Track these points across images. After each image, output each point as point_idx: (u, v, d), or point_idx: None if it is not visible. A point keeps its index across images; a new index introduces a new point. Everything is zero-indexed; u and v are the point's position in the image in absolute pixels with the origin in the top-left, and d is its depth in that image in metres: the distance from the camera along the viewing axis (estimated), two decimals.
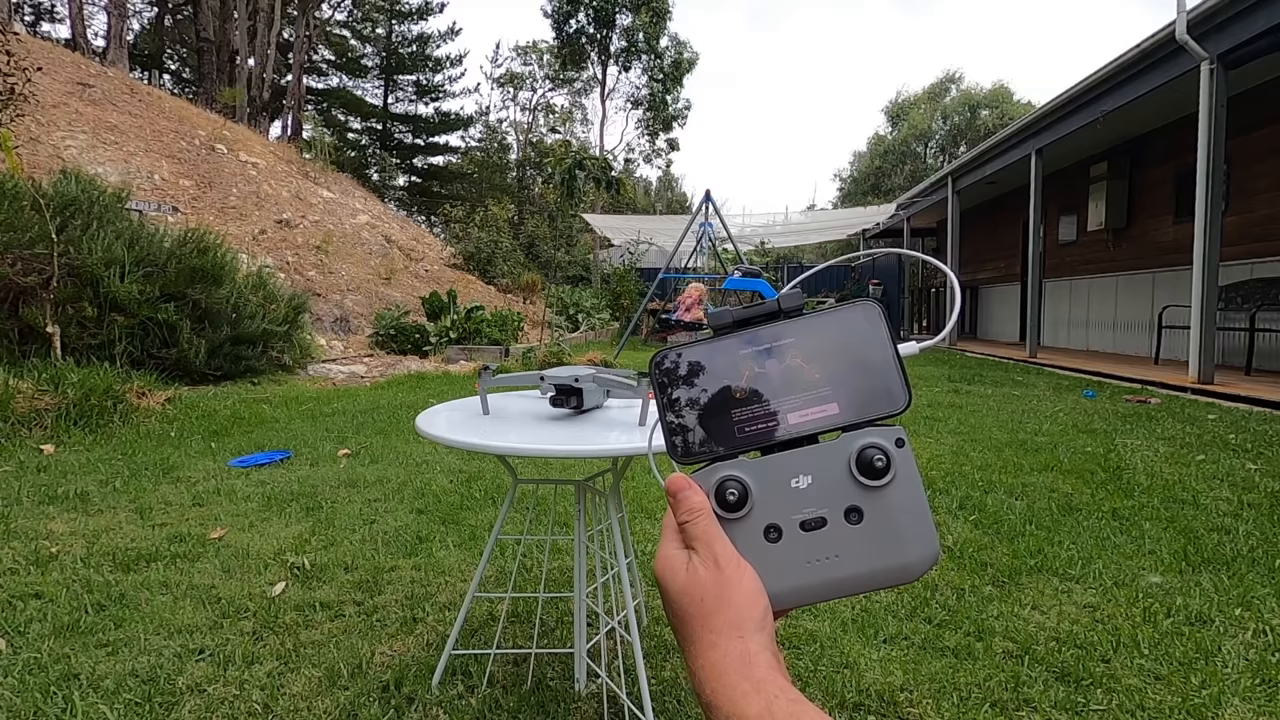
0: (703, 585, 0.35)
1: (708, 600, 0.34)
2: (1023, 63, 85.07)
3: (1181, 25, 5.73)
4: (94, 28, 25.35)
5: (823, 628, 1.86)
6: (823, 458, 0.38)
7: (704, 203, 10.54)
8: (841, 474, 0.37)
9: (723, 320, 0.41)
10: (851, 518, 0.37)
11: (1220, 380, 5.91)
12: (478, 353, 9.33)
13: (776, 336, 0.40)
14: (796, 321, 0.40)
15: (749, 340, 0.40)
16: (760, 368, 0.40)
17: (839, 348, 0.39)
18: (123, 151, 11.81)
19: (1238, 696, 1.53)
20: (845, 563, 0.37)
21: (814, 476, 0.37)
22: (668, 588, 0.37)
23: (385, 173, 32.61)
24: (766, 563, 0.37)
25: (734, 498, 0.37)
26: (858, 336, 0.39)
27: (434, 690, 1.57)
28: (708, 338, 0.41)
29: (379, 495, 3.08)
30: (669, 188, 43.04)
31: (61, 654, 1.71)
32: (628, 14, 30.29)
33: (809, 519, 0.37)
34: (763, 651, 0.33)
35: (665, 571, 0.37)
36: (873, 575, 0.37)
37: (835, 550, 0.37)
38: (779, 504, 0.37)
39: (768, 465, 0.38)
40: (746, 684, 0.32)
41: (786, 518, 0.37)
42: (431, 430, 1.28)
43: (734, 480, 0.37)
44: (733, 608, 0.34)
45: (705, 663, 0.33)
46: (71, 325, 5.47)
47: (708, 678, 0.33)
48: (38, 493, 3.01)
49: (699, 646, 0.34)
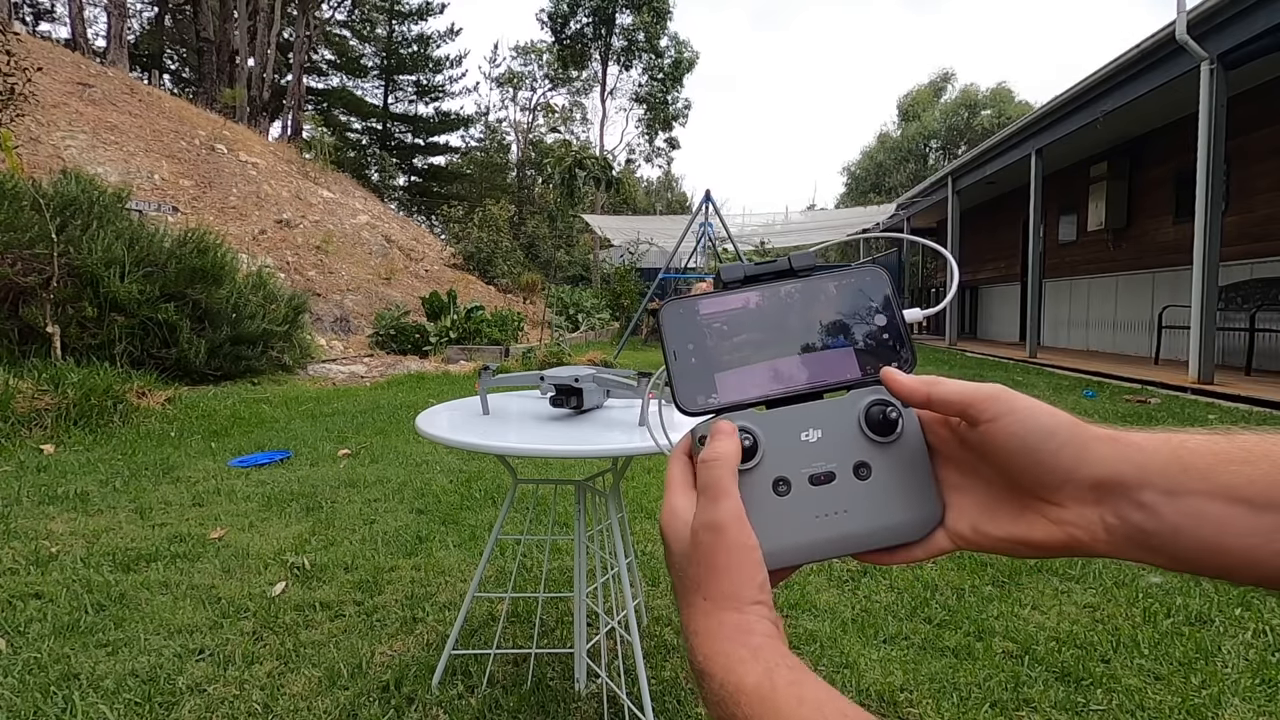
0: (702, 548, 0.33)
1: (704, 564, 0.33)
2: (1022, 63, 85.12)
3: (1181, 25, 5.73)
4: (94, 28, 25.37)
5: (823, 628, 1.86)
6: (832, 412, 0.38)
7: (704, 203, 10.54)
8: (851, 429, 0.37)
9: (734, 275, 0.41)
10: (860, 473, 0.37)
11: (1220, 380, 5.91)
12: (478, 353, 9.33)
13: (787, 293, 0.40)
14: (806, 280, 0.40)
15: (759, 295, 0.40)
16: (769, 323, 0.40)
17: (847, 308, 0.40)
18: (123, 151, 11.81)
19: (1238, 696, 1.53)
20: (853, 518, 0.36)
21: (823, 431, 0.37)
22: (670, 545, 0.36)
23: (385, 173, 32.61)
24: (774, 516, 0.36)
25: (747, 444, 0.36)
26: (865, 298, 0.40)
27: (434, 690, 1.57)
28: (718, 291, 0.41)
29: (379, 495, 3.08)
30: (669, 187, 43.05)
31: (61, 654, 1.71)
32: (628, 13, 30.30)
33: (818, 473, 0.37)
34: (761, 620, 0.32)
35: (668, 527, 0.36)
36: (879, 531, 0.36)
37: (844, 505, 0.36)
38: (788, 457, 0.37)
39: (777, 418, 0.38)
40: (744, 650, 0.30)
41: (796, 471, 0.37)
42: (431, 430, 1.28)
43: (745, 430, 0.37)
44: (729, 577, 0.32)
45: (699, 628, 0.32)
46: (71, 325, 5.47)
47: (700, 644, 0.32)
48: (38, 493, 3.01)
49: (694, 611, 0.33)
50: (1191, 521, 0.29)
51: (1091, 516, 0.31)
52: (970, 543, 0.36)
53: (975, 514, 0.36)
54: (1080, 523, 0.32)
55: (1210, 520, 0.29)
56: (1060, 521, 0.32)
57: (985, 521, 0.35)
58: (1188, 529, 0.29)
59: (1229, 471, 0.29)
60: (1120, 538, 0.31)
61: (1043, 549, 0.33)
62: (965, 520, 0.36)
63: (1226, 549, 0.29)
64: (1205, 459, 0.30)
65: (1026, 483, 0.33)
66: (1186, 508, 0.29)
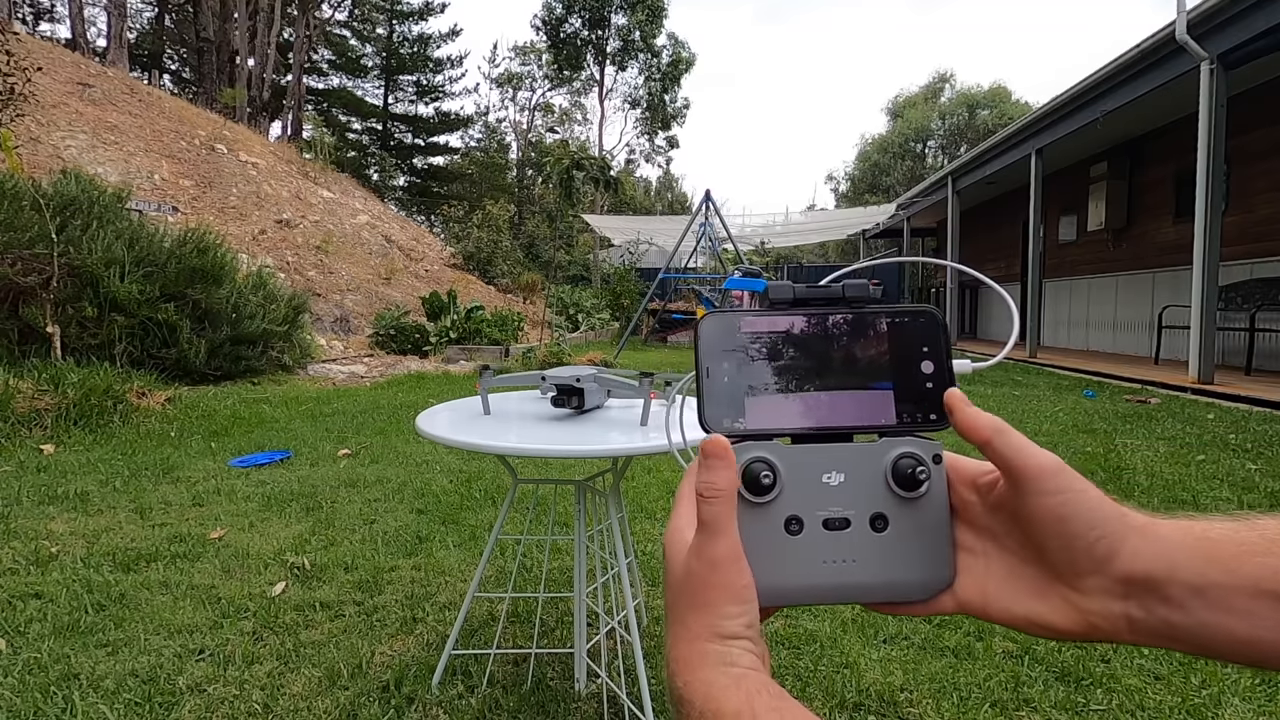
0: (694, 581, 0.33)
1: (694, 597, 0.33)
2: (1022, 63, 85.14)
3: (1181, 25, 5.73)
4: (94, 28, 25.37)
5: (823, 628, 1.86)
6: (859, 457, 0.36)
7: (704, 203, 10.55)
8: (875, 478, 0.36)
9: (783, 295, 0.39)
10: (877, 524, 0.36)
11: (1220, 380, 5.91)
12: (478, 353, 9.33)
13: (834, 323, 0.38)
14: (858, 312, 0.38)
15: (806, 321, 0.38)
16: (810, 351, 0.38)
17: (894, 348, 0.38)
18: (123, 151, 11.81)
19: (1238, 696, 1.53)
20: (861, 569, 0.35)
21: (847, 475, 0.36)
22: (668, 565, 0.35)
23: (385, 173, 32.61)
24: (781, 554, 0.35)
25: (767, 480, 0.35)
26: (915, 340, 0.38)
27: (434, 690, 1.57)
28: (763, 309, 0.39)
29: (379, 495, 3.08)
30: (669, 187, 43.07)
31: (61, 654, 1.71)
32: (622, 14, 30.29)
33: (834, 518, 0.35)
34: (745, 654, 0.31)
35: (670, 547, 0.35)
36: (883, 587, 0.36)
37: (854, 555, 0.35)
38: (806, 497, 0.36)
39: (801, 454, 0.36)
40: (725, 679, 0.30)
41: (811, 512, 0.36)
42: (432, 430, 1.28)
43: (767, 463, 0.35)
44: (717, 612, 0.32)
45: (680, 655, 0.32)
46: (71, 325, 5.47)
47: (680, 670, 0.32)
48: (38, 493, 3.01)
49: (677, 640, 0.33)
50: (1219, 616, 0.29)
51: (1116, 609, 0.31)
52: (979, 611, 0.35)
53: (990, 583, 0.35)
54: (1104, 613, 0.32)
55: (1239, 614, 0.29)
56: (1083, 610, 0.32)
57: (1002, 594, 0.35)
58: (1215, 623, 0.29)
59: (1254, 563, 0.29)
60: (1145, 631, 0.31)
61: (1060, 634, 0.33)
62: (977, 587, 0.35)
63: (1258, 641, 0.29)
64: (1229, 549, 0.30)
65: (1053, 564, 0.33)
66: (1214, 602, 0.29)
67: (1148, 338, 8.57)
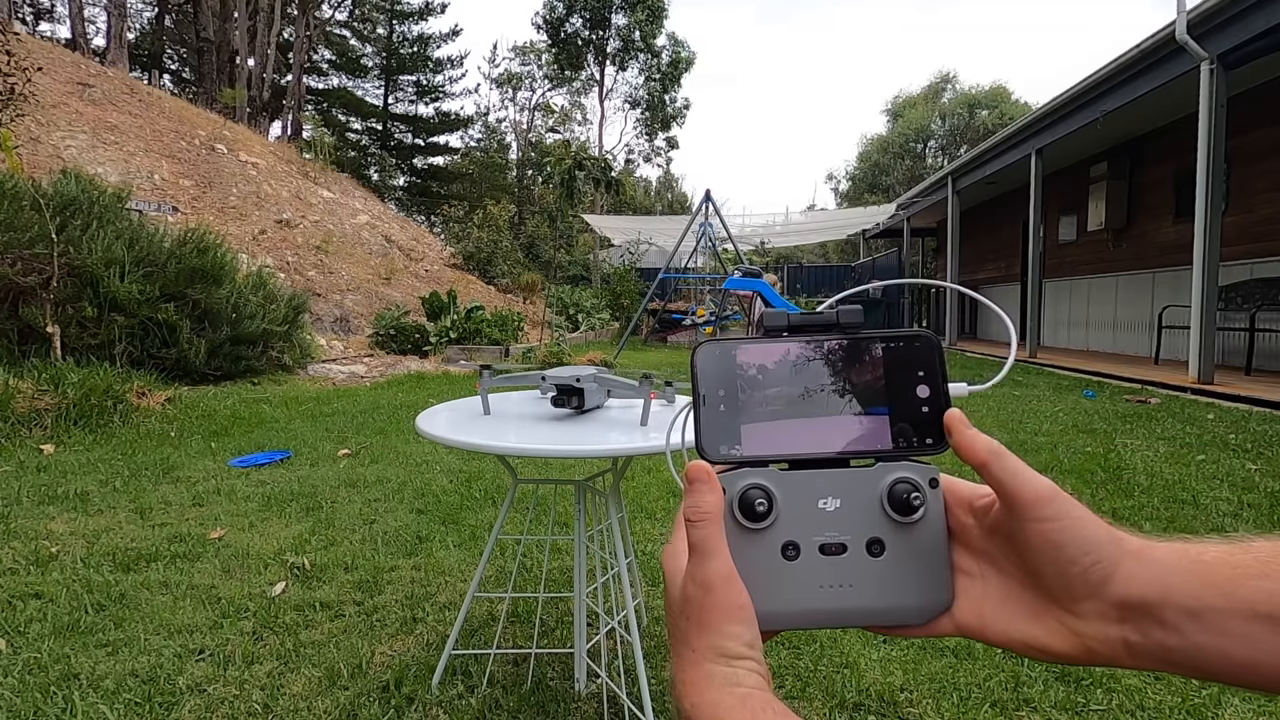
0: (691, 604, 0.34)
1: (693, 619, 0.33)
2: (1023, 63, 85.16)
3: (1181, 25, 5.73)
4: (94, 28, 25.37)
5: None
6: (855, 483, 0.36)
7: (704, 203, 10.55)
8: (871, 503, 0.36)
9: (777, 323, 0.40)
10: (873, 549, 0.36)
11: (1220, 380, 5.91)
12: (478, 353, 9.33)
13: (829, 350, 0.38)
14: (852, 339, 0.39)
15: (801, 348, 0.39)
16: (806, 378, 0.38)
17: (890, 373, 0.38)
18: (123, 151, 11.81)
19: (1238, 697, 1.53)
20: (856, 594, 0.36)
21: (842, 500, 0.36)
22: (667, 586, 0.36)
23: (385, 173, 32.61)
24: (777, 580, 0.35)
25: (762, 508, 0.35)
26: (911, 365, 0.38)
27: (434, 690, 1.57)
28: (758, 337, 0.39)
29: (379, 495, 3.08)
30: (669, 187, 43.06)
31: (61, 654, 1.71)
32: (622, 13, 30.30)
33: (830, 543, 0.36)
34: (750, 674, 0.32)
35: (668, 568, 0.36)
36: (879, 612, 0.36)
37: (851, 579, 0.36)
38: (803, 522, 0.36)
39: (797, 481, 0.37)
40: (730, 699, 0.31)
41: (807, 538, 0.36)
42: (432, 430, 1.28)
43: (762, 490, 0.36)
44: (717, 633, 0.33)
45: (686, 678, 0.33)
46: (71, 325, 5.47)
47: (687, 692, 0.32)
48: (38, 493, 3.01)
49: (682, 661, 0.33)
50: (1215, 639, 0.29)
51: (1112, 633, 0.31)
52: (976, 634, 0.35)
53: (987, 606, 0.35)
54: (1100, 637, 0.32)
55: (1234, 637, 0.29)
56: (1079, 634, 0.32)
57: (999, 617, 0.35)
58: (1211, 646, 0.30)
59: (1249, 586, 0.29)
60: (1142, 654, 0.31)
61: (1057, 657, 0.33)
62: (974, 610, 0.36)
63: (1256, 664, 0.29)
64: (1223, 572, 0.30)
65: (1049, 588, 0.33)
66: (1209, 625, 0.29)
67: (1148, 338, 8.57)
